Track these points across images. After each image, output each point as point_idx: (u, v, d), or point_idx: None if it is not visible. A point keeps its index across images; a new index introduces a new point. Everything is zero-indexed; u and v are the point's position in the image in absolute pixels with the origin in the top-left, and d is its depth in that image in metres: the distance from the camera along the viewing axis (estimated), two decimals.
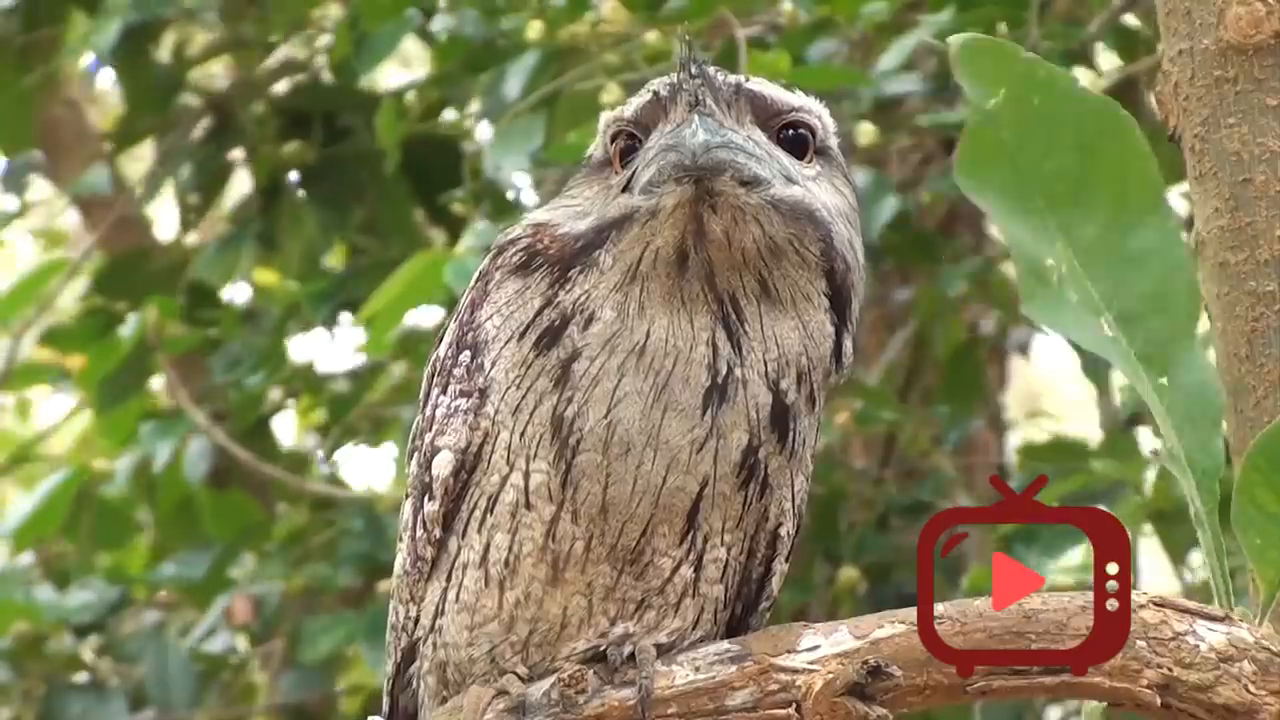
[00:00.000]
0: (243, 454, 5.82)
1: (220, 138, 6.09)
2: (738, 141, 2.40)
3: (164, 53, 6.11)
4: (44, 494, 5.89)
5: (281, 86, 6.14)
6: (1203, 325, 2.63)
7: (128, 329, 5.72)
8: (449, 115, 5.91)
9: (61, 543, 6.25)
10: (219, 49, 6.32)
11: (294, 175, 5.96)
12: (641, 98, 2.48)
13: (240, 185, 6.63)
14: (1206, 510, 2.54)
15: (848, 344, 2.49)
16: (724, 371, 2.40)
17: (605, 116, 2.54)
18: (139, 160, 6.68)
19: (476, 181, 5.52)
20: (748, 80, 2.48)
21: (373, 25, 5.33)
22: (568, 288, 2.43)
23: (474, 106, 5.77)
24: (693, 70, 2.42)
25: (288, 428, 6.92)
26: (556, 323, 2.42)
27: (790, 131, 2.49)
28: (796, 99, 2.51)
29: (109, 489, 6.00)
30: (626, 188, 2.43)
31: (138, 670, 5.90)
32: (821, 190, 2.47)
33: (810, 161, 2.49)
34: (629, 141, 2.48)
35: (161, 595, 6.20)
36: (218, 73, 6.59)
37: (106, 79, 6.21)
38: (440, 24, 5.47)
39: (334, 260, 6.36)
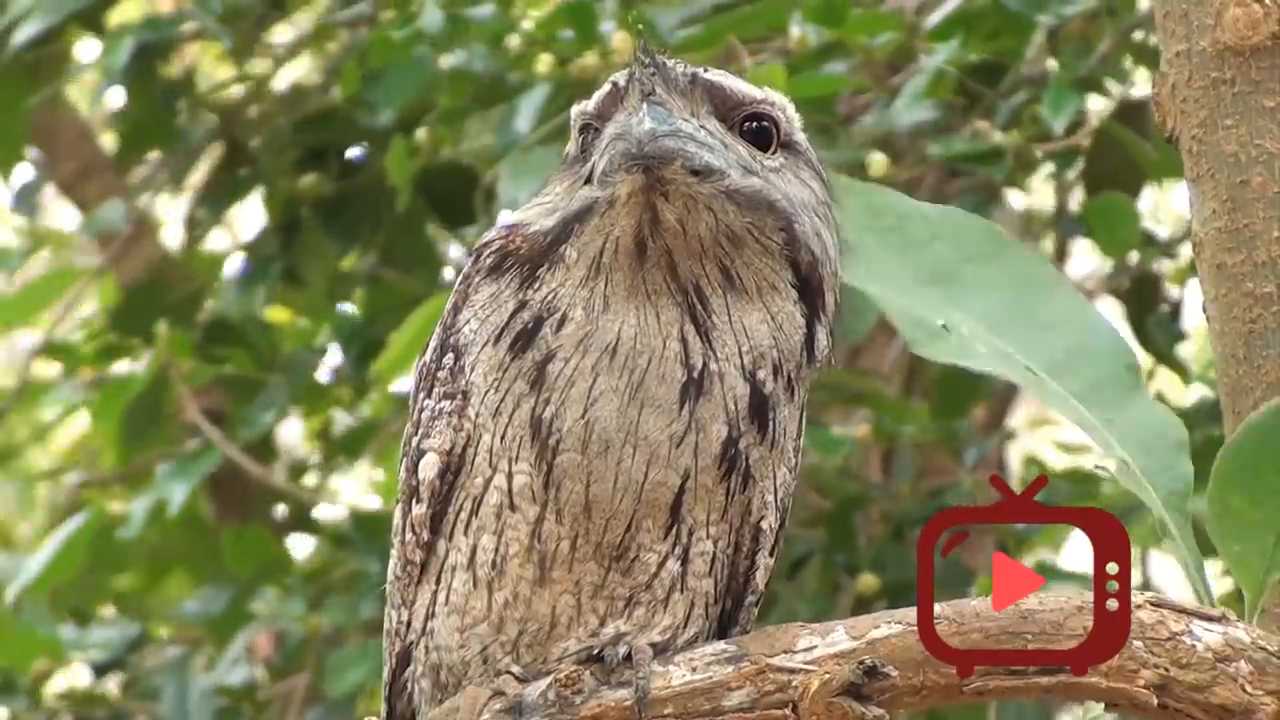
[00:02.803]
0: (256, 469, 5.84)
1: (231, 163, 6.11)
2: (687, 130, 2.42)
3: (172, 71, 6.14)
4: (60, 542, 5.88)
5: (292, 115, 6.16)
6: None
7: (141, 366, 5.74)
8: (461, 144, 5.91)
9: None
10: (229, 82, 6.35)
11: (311, 208, 5.96)
12: (603, 89, 2.49)
13: (251, 217, 6.65)
14: (1176, 526, 2.55)
15: (821, 335, 2.50)
16: (699, 366, 2.42)
17: (574, 110, 2.56)
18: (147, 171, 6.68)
19: (489, 216, 5.54)
20: (705, 71, 2.49)
21: (380, 62, 5.35)
22: (536, 286, 2.45)
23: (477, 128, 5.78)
24: (645, 60, 2.43)
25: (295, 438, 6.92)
26: (530, 325, 2.44)
27: (752, 124, 2.50)
28: (757, 91, 2.52)
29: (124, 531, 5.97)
30: (588, 180, 2.45)
31: (160, 706, 5.89)
32: (784, 181, 2.48)
33: (774, 153, 2.50)
34: (594, 134, 2.49)
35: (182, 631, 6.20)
36: (229, 97, 6.60)
37: (115, 97, 6.20)
38: (449, 60, 5.48)
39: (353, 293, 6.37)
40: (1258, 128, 2.77)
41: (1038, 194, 5.69)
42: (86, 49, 6.27)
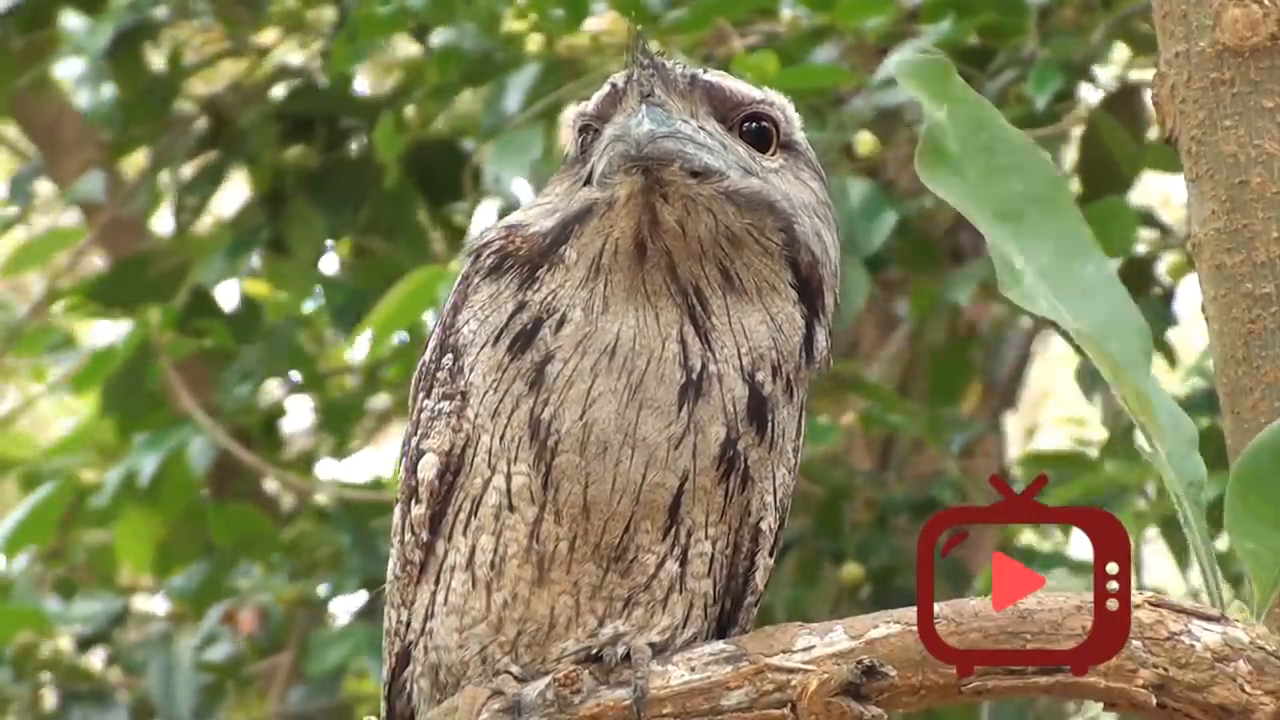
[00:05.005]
0: (247, 456, 5.83)
1: (216, 141, 6.09)
2: (686, 132, 2.41)
3: (158, 58, 6.11)
4: (32, 504, 5.89)
5: (279, 91, 6.14)
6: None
7: (121, 331, 5.73)
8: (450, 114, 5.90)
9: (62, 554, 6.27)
10: (215, 57, 6.32)
11: (297, 180, 5.95)
12: (602, 90, 2.49)
13: (236, 191, 6.62)
14: (1194, 516, 2.55)
15: (820, 336, 2.50)
16: (698, 368, 2.41)
17: (572, 111, 2.55)
18: (137, 161, 6.67)
19: (476, 193, 5.53)
20: (705, 72, 2.48)
21: (368, 37, 5.33)
22: (535, 287, 2.44)
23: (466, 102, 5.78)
24: (644, 61, 2.42)
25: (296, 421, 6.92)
26: (529, 326, 2.43)
27: (752, 124, 2.49)
28: (757, 92, 2.51)
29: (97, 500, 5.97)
30: (588, 181, 2.44)
31: (145, 680, 5.90)
32: (783, 182, 2.47)
33: (774, 154, 2.49)
34: (594, 135, 2.48)
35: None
36: (214, 79, 6.57)
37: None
38: (439, 37, 5.47)
39: (341, 265, 6.36)
40: (1257, 128, 2.76)
41: None
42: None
